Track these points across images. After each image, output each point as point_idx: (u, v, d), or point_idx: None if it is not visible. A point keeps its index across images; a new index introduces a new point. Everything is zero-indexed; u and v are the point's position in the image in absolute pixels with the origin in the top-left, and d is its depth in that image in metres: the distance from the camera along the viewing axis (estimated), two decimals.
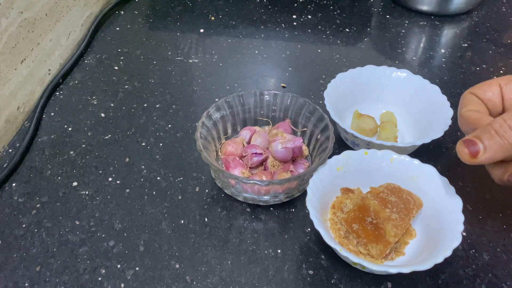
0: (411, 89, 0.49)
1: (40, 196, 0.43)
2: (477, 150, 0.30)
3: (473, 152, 0.31)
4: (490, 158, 0.31)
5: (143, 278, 0.37)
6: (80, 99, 0.55)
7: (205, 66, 0.61)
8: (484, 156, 0.30)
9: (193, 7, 0.73)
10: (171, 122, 0.52)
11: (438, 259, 0.32)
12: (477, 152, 0.30)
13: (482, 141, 0.30)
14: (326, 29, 0.68)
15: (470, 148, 0.31)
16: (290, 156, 0.43)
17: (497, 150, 0.30)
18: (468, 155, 0.31)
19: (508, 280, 0.37)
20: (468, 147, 0.31)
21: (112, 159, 0.47)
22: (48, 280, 0.37)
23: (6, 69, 0.48)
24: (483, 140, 0.30)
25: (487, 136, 0.30)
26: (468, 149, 0.31)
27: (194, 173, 0.46)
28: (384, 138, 0.46)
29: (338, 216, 0.39)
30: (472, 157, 0.31)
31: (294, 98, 0.46)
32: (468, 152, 0.31)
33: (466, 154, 0.31)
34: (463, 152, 0.31)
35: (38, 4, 0.53)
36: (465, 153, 0.31)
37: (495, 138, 0.30)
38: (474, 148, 0.31)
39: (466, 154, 0.31)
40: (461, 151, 0.31)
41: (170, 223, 0.41)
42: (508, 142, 0.30)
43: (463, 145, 0.31)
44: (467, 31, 0.69)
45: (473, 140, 0.31)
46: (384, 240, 0.35)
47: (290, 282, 0.37)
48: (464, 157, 0.31)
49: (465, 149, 0.31)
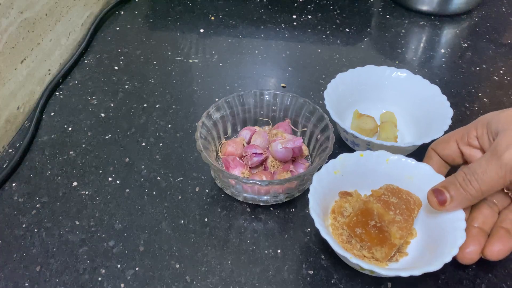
0: (411, 89, 0.49)
1: (40, 196, 0.43)
2: (444, 199, 0.34)
3: (441, 201, 0.34)
4: (456, 207, 0.34)
5: (143, 278, 0.37)
6: (80, 99, 0.55)
7: (205, 66, 0.61)
8: (450, 204, 0.34)
9: (193, 7, 0.73)
10: (171, 122, 0.52)
11: (447, 258, 0.32)
12: (445, 201, 0.34)
13: (448, 191, 0.34)
14: (326, 29, 0.68)
15: (439, 197, 0.35)
16: (290, 156, 0.43)
17: (462, 200, 0.34)
18: (437, 203, 0.35)
19: (508, 280, 0.37)
20: (437, 197, 0.35)
21: (112, 159, 0.47)
22: (48, 280, 0.37)
23: (6, 69, 0.48)
24: (449, 190, 0.34)
25: (453, 187, 0.34)
26: (437, 198, 0.35)
27: (194, 173, 0.46)
28: (384, 138, 0.46)
29: (339, 220, 0.39)
30: (441, 205, 0.35)
31: (294, 98, 0.46)
32: (437, 201, 0.35)
33: (435, 202, 0.35)
34: (432, 200, 0.35)
35: (38, 4, 0.53)
36: (434, 202, 0.35)
37: (460, 190, 0.34)
38: (442, 197, 0.34)
39: (435, 202, 0.35)
40: (431, 200, 0.35)
41: (170, 223, 0.41)
42: (470, 194, 0.33)
43: (432, 195, 0.35)
44: (467, 31, 0.69)
45: (441, 190, 0.35)
46: (389, 243, 0.35)
47: (290, 282, 0.37)
48: (433, 205, 0.35)
49: (434, 198, 0.35)
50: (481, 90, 0.57)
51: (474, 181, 0.33)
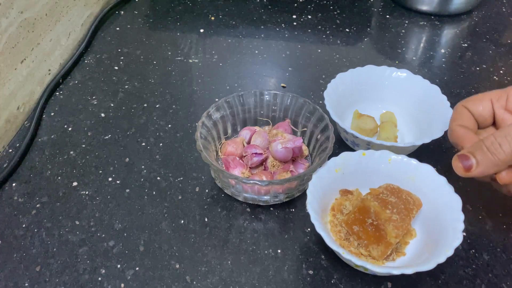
0: (411, 89, 0.49)
1: (40, 196, 0.43)
2: (470, 165, 0.33)
3: (467, 167, 0.33)
4: (482, 172, 0.33)
5: (143, 278, 0.37)
6: (80, 99, 0.55)
7: (205, 66, 0.61)
8: (476, 170, 0.33)
9: (193, 7, 0.73)
10: (171, 122, 0.52)
11: (441, 259, 0.32)
12: (471, 167, 0.33)
13: (475, 156, 0.33)
14: (326, 29, 0.68)
15: (464, 163, 0.33)
16: (290, 156, 0.43)
17: (488, 165, 0.33)
18: (462, 169, 0.34)
19: (508, 280, 0.37)
20: (462, 162, 0.33)
21: (112, 159, 0.47)
22: (48, 280, 0.37)
23: (6, 69, 0.48)
24: (476, 155, 0.33)
25: (480, 152, 0.33)
26: (462, 163, 0.33)
27: (194, 173, 0.46)
28: (384, 138, 0.46)
29: (338, 218, 0.39)
30: (466, 171, 0.33)
31: (294, 98, 0.46)
32: (462, 166, 0.33)
33: (460, 168, 0.34)
34: (457, 166, 0.34)
35: (38, 4, 0.53)
36: (459, 167, 0.34)
37: (487, 154, 0.33)
38: (467, 162, 0.33)
39: (460, 168, 0.34)
40: (456, 165, 0.34)
41: (170, 223, 0.41)
42: (498, 158, 0.32)
43: (457, 160, 0.34)
44: (467, 31, 0.69)
45: (467, 155, 0.33)
46: (385, 241, 0.35)
47: (290, 282, 0.37)
48: (459, 170, 0.34)
49: (459, 164, 0.34)
50: (481, 90, 0.57)
51: (506, 143, 0.32)
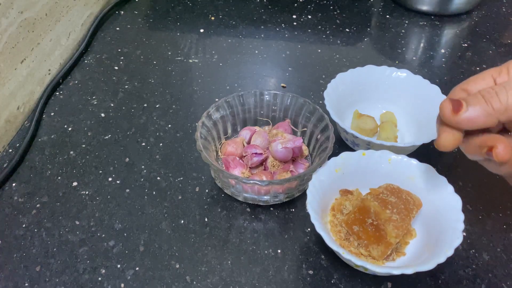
0: (411, 89, 0.49)
1: (40, 196, 0.43)
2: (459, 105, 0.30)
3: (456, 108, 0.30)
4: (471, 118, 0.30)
5: (143, 278, 0.37)
6: (80, 99, 0.55)
7: (205, 66, 0.61)
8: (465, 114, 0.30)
9: (193, 7, 0.73)
10: (171, 122, 0.52)
11: (441, 259, 0.32)
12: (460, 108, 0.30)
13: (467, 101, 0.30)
14: (326, 29, 0.68)
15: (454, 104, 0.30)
16: (290, 156, 0.43)
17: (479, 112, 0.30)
18: (450, 110, 0.30)
19: (508, 280, 0.37)
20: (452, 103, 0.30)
21: (112, 159, 0.47)
22: (48, 280, 0.37)
23: (6, 69, 0.48)
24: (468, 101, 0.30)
25: (473, 98, 0.30)
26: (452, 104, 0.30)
27: (194, 173, 0.46)
28: (384, 138, 0.46)
29: (338, 218, 0.39)
30: (454, 112, 0.30)
31: (294, 98, 0.46)
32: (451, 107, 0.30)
33: (448, 109, 0.30)
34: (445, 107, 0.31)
35: (38, 4, 0.53)
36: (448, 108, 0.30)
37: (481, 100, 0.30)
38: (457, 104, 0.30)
39: (448, 109, 0.30)
40: (444, 105, 0.31)
41: (170, 223, 0.41)
42: (492, 106, 0.29)
43: (447, 101, 0.31)
44: (467, 31, 0.69)
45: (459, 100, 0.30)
46: (385, 241, 0.35)
47: (290, 282, 0.37)
48: (446, 111, 0.31)
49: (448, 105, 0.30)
50: None
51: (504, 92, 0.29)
